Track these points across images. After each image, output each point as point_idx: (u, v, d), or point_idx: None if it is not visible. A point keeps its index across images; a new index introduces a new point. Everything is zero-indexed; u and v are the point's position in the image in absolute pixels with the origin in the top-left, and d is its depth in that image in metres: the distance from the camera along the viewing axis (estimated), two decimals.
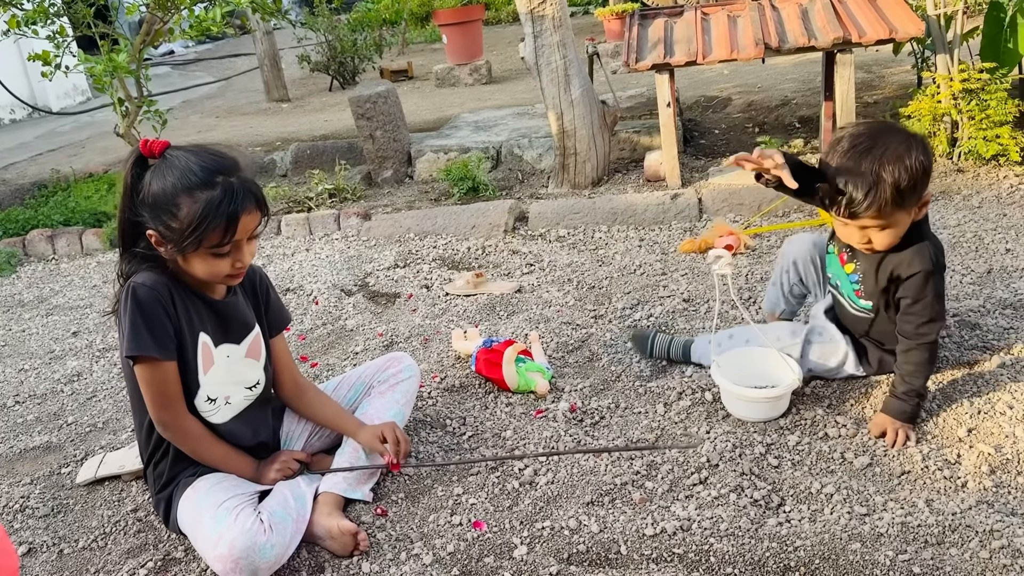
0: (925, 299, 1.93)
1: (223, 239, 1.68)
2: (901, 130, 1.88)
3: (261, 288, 2.00)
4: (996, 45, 3.85)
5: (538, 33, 4.00)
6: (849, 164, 1.83)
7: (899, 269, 1.94)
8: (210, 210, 1.64)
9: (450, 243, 3.70)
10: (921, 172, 1.82)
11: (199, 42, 12.99)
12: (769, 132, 4.72)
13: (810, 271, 2.32)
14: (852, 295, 2.11)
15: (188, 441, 1.83)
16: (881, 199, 1.81)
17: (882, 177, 1.80)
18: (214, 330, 1.84)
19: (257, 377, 1.94)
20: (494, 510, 1.88)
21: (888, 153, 1.81)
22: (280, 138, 5.72)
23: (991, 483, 1.77)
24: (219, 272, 1.75)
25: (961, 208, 3.35)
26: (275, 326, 2.03)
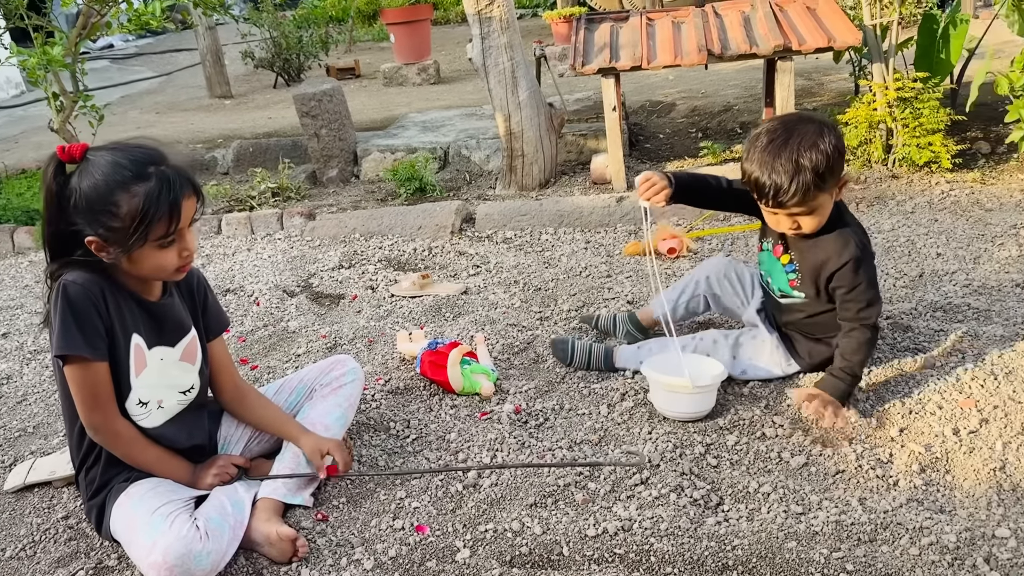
0: (860, 286, 2.02)
1: (168, 229, 1.64)
2: (811, 118, 1.99)
3: (199, 290, 1.95)
4: (929, 55, 3.98)
5: (486, 34, 4.00)
6: (768, 158, 1.93)
7: (829, 260, 2.04)
8: (151, 202, 1.60)
9: (396, 244, 3.68)
10: (836, 154, 1.93)
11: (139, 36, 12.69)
12: (712, 137, 4.79)
13: (725, 287, 2.40)
14: (786, 286, 2.18)
15: (120, 445, 1.78)
16: (804, 185, 1.91)
17: (802, 164, 1.91)
18: (148, 332, 1.79)
19: (192, 381, 1.90)
20: (437, 513, 1.87)
21: (804, 141, 1.92)
22: (222, 135, 5.62)
23: (921, 481, 1.83)
24: (168, 265, 1.71)
25: (895, 213, 3.45)
26: (213, 329, 1.98)
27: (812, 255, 2.07)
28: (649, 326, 2.55)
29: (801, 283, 2.14)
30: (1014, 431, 1.95)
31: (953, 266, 2.88)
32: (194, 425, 1.93)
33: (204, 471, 1.90)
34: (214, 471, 1.90)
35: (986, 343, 2.31)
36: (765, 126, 2.00)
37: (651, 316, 2.53)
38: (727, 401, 2.18)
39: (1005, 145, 4.00)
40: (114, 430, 1.76)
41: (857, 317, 2.04)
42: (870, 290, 2.03)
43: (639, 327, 2.55)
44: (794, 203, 1.95)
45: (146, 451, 1.81)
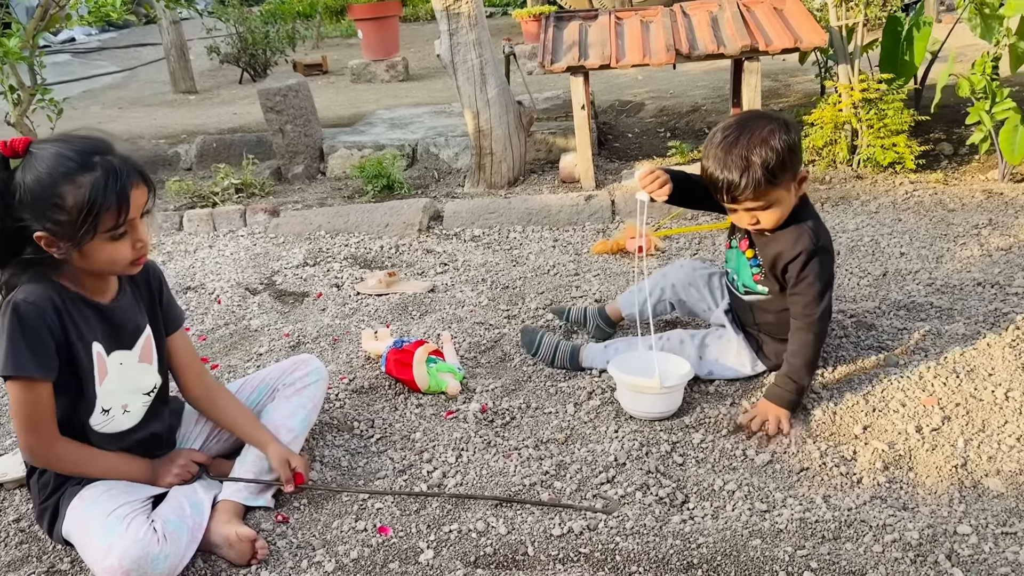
0: (807, 279, 2.02)
1: (118, 219, 1.59)
2: (766, 115, 2.03)
3: (155, 282, 1.89)
4: (894, 57, 4.03)
5: (454, 31, 3.97)
6: (721, 154, 1.97)
7: (784, 252, 2.05)
8: (98, 192, 1.55)
9: (362, 241, 3.63)
10: (787, 150, 1.95)
11: (102, 30, 12.47)
12: (680, 137, 4.81)
13: (691, 293, 2.42)
14: (750, 281, 2.18)
15: (64, 465, 1.73)
16: (755, 180, 1.94)
17: (752, 160, 1.93)
18: (105, 338, 1.74)
19: (153, 381, 1.85)
20: (400, 514, 1.84)
21: (754, 138, 1.95)
22: (186, 131, 5.53)
23: (884, 479, 1.83)
24: (121, 258, 1.65)
25: (859, 213, 3.49)
26: (171, 324, 1.93)
27: (771, 247, 2.10)
28: (618, 321, 2.55)
29: (764, 278, 2.15)
30: (975, 428, 1.97)
31: (916, 265, 2.91)
32: (153, 416, 1.88)
33: (165, 467, 1.85)
34: (176, 469, 1.85)
35: (948, 341, 2.33)
36: (722, 123, 2.04)
37: (619, 311, 2.53)
38: (693, 399, 2.18)
39: (967, 146, 4.06)
40: (55, 453, 1.71)
41: (802, 313, 2.04)
42: (818, 285, 2.02)
43: (608, 322, 2.54)
44: (747, 197, 1.98)
45: (96, 463, 1.76)
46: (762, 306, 2.19)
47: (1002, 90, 3.53)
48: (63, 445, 1.71)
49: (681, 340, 2.28)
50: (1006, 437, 1.92)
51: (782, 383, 2.04)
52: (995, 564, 1.56)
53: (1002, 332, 2.35)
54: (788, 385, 2.03)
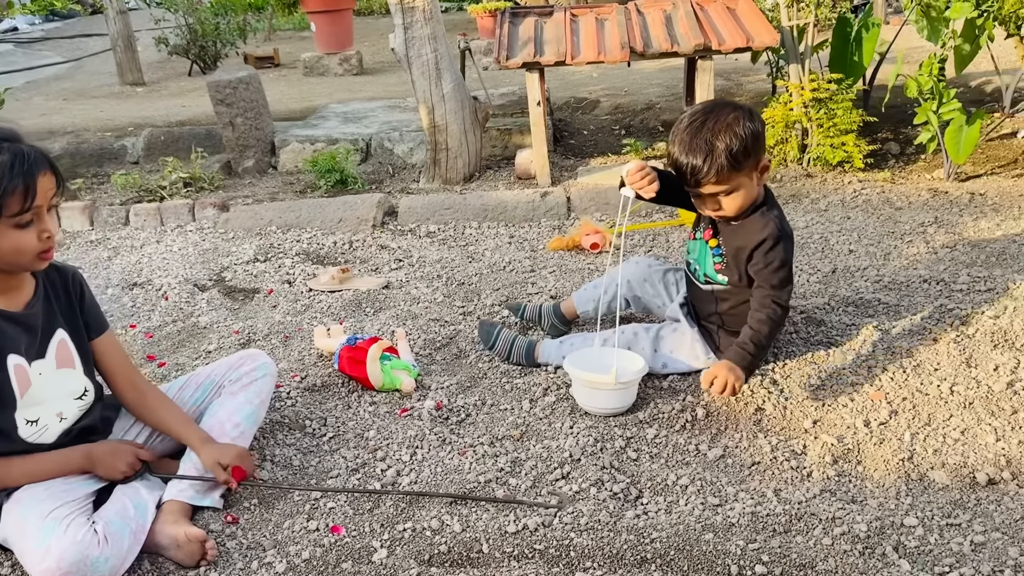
0: (772, 263, 2.08)
1: (23, 204, 1.56)
2: (732, 104, 2.08)
3: (75, 287, 1.84)
4: (843, 58, 4.10)
5: (408, 25, 3.94)
6: (687, 138, 2.03)
7: (750, 240, 2.10)
8: (3, 174, 1.53)
9: (315, 237, 3.58)
10: (751, 137, 2.01)
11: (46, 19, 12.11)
12: (634, 135, 4.84)
13: (646, 289, 2.45)
14: (712, 271, 2.21)
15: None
16: (718, 164, 2.00)
17: (716, 145, 1.99)
18: (26, 349, 1.69)
19: (82, 384, 1.80)
20: (353, 513, 1.82)
21: (719, 123, 2.01)
22: (132, 123, 5.39)
23: (834, 472, 1.86)
24: (27, 247, 1.61)
25: (809, 211, 3.54)
26: (93, 328, 1.86)
27: (736, 236, 2.14)
28: (572, 318, 2.55)
29: (726, 267, 2.18)
30: (921, 422, 2.01)
31: (864, 262, 2.97)
32: (87, 416, 1.82)
33: (109, 460, 1.77)
34: (122, 467, 1.77)
35: (895, 337, 2.38)
36: (689, 110, 2.10)
37: (574, 309, 2.53)
38: (647, 395, 2.19)
39: (914, 146, 4.15)
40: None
41: (769, 294, 2.09)
42: (782, 270, 2.09)
43: (563, 319, 2.54)
44: (710, 181, 2.02)
45: (12, 469, 1.68)
46: (720, 296, 2.22)
47: (948, 91, 3.62)
48: None
49: (635, 333, 2.29)
50: (951, 431, 1.97)
51: (744, 344, 2.08)
52: (940, 555, 1.60)
53: (947, 328, 2.41)
54: (749, 347, 2.07)
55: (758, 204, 2.13)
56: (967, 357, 2.25)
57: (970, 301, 2.57)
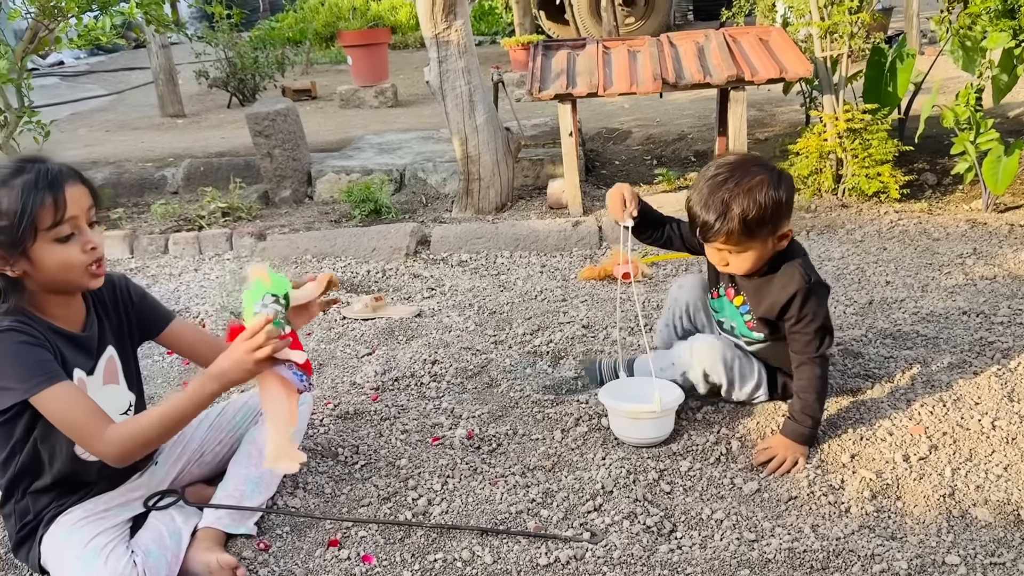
0: (805, 318, 2.00)
1: (56, 216, 1.58)
2: (762, 165, 1.98)
3: (123, 294, 1.87)
4: (878, 88, 4.08)
5: (443, 58, 4.00)
6: (705, 192, 1.94)
7: (777, 297, 2.02)
8: (29, 189, 1.56)
9: (350, 265, 3.62)
10: (772, 206, 1.91)
11: (91, 53, 12.48)
12: (666, 165, 4.84)
13: (699, 314, 2.34)
14: (746, 329, 2.16)
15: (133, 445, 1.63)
16: (728, 227, 1.91)
17: (731, 207, 1.90)
18: (83, 366, 1.72)
19: (128, 399, 1.83)
20: (384, 543, 1.81)
21: (741, 185, 1.91)
22: (173, 154, 5.51)
23: (872, 508, 1.83)
24: (74, 262, 1.63)
25: (845, 242, 3.51)
26: (158, 322, 1.91)
27: (761, 293, 2.06)
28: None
29: (757, 324, 2.13)
30: (962, 457, 1.96)
31: (902, 294, 2.93)
32: None
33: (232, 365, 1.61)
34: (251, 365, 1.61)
35: (935, 370, 2.34)
36: (719, 159, 2.01)
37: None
38: (680, 427, 2.17)
39: (951, 176, 4.10)
40: (115, 441, 1.61)
41: (804, 351, 2.02)
42: (816, 322, 2.00)
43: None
44: (719, 241, 1.96)
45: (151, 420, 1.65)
46: (763, 353, 2.18)
47: (986, 121, 3.58)
48: (115, 430, 1.62)
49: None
50: (993, 466, 1.92)
51: (799, 418, 2.00)
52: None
53: (988, 361, 2.36)
54: (805, 421, 2.00)
55: (780, 253, 2.03)
56: (1009, 391, 2.20)
57: (1011, 334, 2.52)
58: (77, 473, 1.74)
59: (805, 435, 2.00)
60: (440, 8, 3.89)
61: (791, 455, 1.98)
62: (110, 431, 1.62)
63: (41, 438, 1.68)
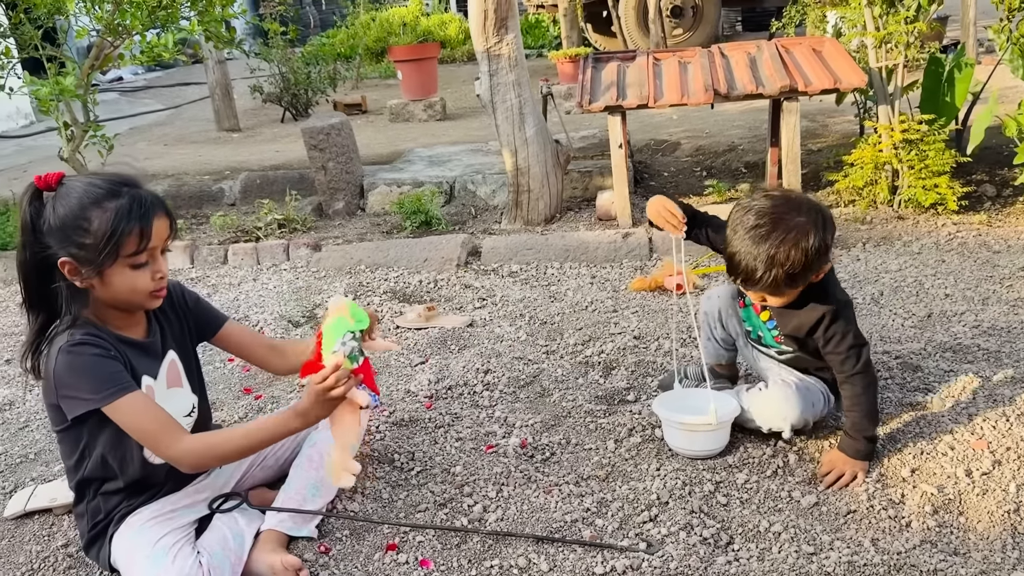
0: (835, 337, 1.98)
1: (139, 245, 1.64)
2: (806, 207, 1.90)
3: (179, 299, 1.93)
4: (935, 98, 4.02)
5: (494, 72, 4.04)
6: (748, 244, 1.88)
7: (803, 319, 2.01)
8: (122, 216, 1.62)
9: (402, 276, 3.67)
10: (815, 253, 1.87)
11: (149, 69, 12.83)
12: (716, 176, 4.82)
13: (731, 321, 2.33)
14: (773, 342, 2.17)
15: (210, 457, 1.73)
16: (773, 282, 1.88)
17: (776, 261, 1.85)
18: (149, 372, 1.79)
19: (191, 402, 1.88)
20: (441, 548, 1.84)
21: (787, 239, 1.85)
22: (229, 167, 5.65)
23: (934, 523, 1.80)
24: (141, 287, 1.69)
25: (902, 254, 3.45)
26: (212, 324, 1.98)
27: (787, 316, 2.05)
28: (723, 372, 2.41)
29: (785, 340, 2.13)
30: None
31: (962, 307, 2.88)
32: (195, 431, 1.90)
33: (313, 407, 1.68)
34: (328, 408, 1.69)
35: (997, 384, 2.29)
36: (757, 204, 1.92)
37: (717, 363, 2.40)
38: (736, 439, 2.16)
39: (1011, 187, 4.01)
40: (191, 450, 1.68)
41: (841, 370, 2.00)
42: (846, 340, 1.98)
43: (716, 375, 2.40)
44: (761, 292, 1.95)
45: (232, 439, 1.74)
46: (791, 362, 2.17)
47: None
48: (194, 440, 1.70)
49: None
50: None
51: (852, 435, 1.98)
52: None
53: None
54: (858, 437, 1.98)
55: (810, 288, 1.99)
56: None
57: None
58: (147, 477, 1.80)
59: (861, 451, 1.98)
60: (492, 23, 3.94)
61: (849, 469, 1.96)
62: (188, 440, 1.69)
63: (112, 444, 1.74)
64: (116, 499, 1.79)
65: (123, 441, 1.73)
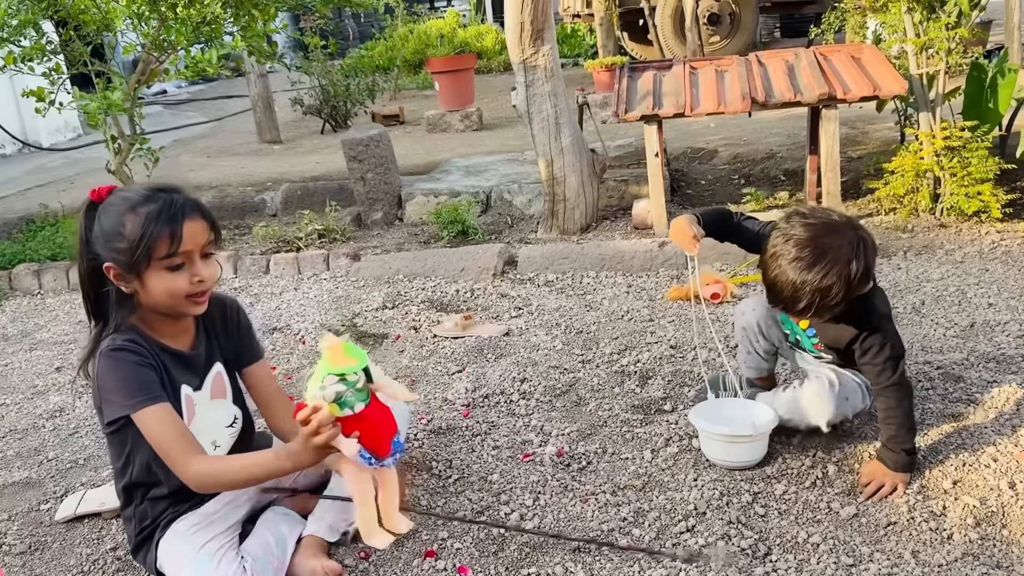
0: (872, 348, 1.97)
1: (170, 247, 1.68)
2: (846, 232, 1.87)
3: (232, 315, 1.96)
4: (978, 104, 3.96)
5: (530, 82, 4.07)
6: (790, 274, 1.86)
7: (841, 331, 2.00)
8: (151, 219, 1.66)
9: (439, 285, 3.71)
10: (857, 278, 1.85)
11: (192, 82, 13.09)
12: (754, 184, 4.79)
13: (772, 330, 2.30)
14: (812, 348, 2.17)
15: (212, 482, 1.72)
16: (816, 308, 1.88)
17: (818, 292, 1.84)
18: (189, 383, 1.83)
19: (232, 413, 1.92)
20: (479, 555, 1.86)
21: (832, 271, 1.83)
22: (271, 179, 5.75)
23: (976, 535, 1.77)
24: (179, 290, 1.72)
25: (944, 263, 3.41)
26: (247, 355, 1.97)
27: (827, 330, 2.05)
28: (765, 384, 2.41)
29: (824, 348, 2.13)
30: None
31: (1005, 316, 2.83)
32: (241, 447, 1.93)
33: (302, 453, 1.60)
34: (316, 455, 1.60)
35: None
36: (796, 234, 1.89)
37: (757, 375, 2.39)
38: (774, 450, 2.15)
39: None
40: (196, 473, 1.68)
41: (877, 381, 1.99)
42: (883, 352, 1.96)
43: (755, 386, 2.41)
44: (802, 316, 1.95)
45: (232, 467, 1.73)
46: (836, 365, 2.16)
47: None
48: (202, 463, 1.69)
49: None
50: None
51: (890, 447, 1.97)
52: None
53: None
54: (896, 449, 1.96)
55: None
56: None
57: None
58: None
59: (900, 463, 1.96)
60: (528, 34, 3.97)
61: (889, 480, 1.95)
62: (197, 461, 1.68)
63: (154, 451, 1.78)
64: (162, 505, 1.84)
65: None
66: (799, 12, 9.88)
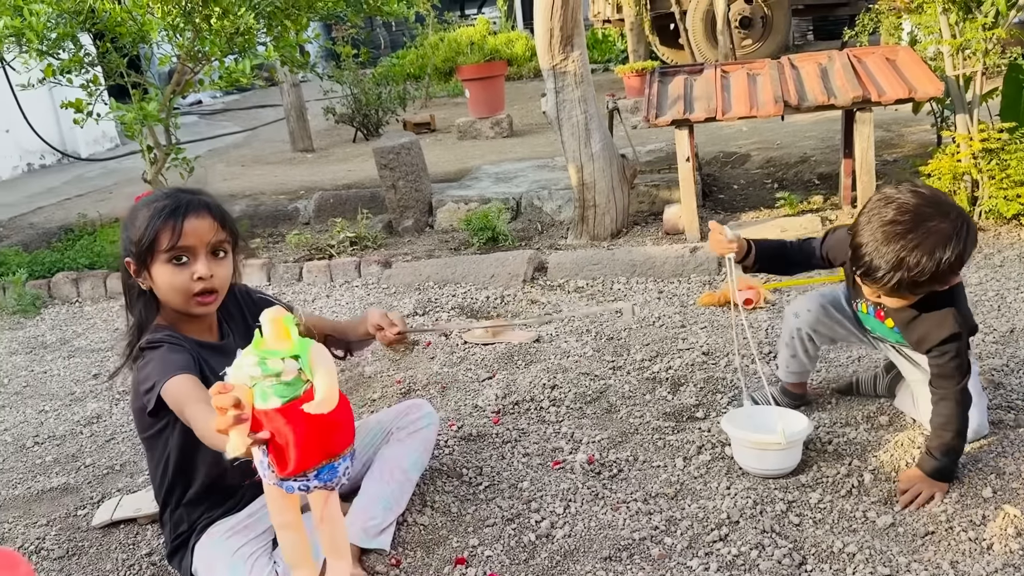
0: (948, 354, 1.93)
1: (171, 240, 1.71)
2: (949, 213, 1.77)
3: (244, 299, 1.99)
4: (1016, 106, 3.88)
5: (560, 88, 4.07)
6: (879, 237, 1.78)
7: (928, 334, 1.94)
8: (156, 214, 1.72)
9: (469, 292, 3.72)
10: (948, 266, 1.75)
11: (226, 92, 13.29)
12: (788, 188, 4.74)
13: (836, 330, 2.25)
14: (900, 341, 2.11)
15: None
16: (897, 282, 1.78)
17: (904, 263, 1.75)
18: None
19: None
20: (510, 563, 1.85)
21: (925, 244, 1.74)
22: (304, 187, 5.81)
23: (1017, 546, 1.73)
24: (181, 285, 1.74)
25: (983, 267, 3.34)
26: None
27: (911, 328, 1.98)
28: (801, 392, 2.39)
29: (910, 347, 2.08)
30: None
31: None
32: None
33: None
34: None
35: None
36: (901, 198, 1.79)
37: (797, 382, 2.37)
38: (809, 458, 2.12)
39: None
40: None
41: (943, 384, 1.93)
42: (958, 358, 1.91)
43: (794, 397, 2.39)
44: (878, 290, 1.86)
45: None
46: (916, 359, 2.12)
47: None
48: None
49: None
50: None
51: (938, 455, 1.92)
52: None
53: None
54: (944, 458, 1.92)
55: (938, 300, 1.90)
56: None
57: None
58: (223, 477, 1.85)
59: (942, 471, 1.92)
60: (557, 41, 3.98)
61: (927, 489, 1.91)
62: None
63: (188, 446, 1.79)
64: (198, 510, 1.86)
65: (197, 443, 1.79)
66: (833, 14, 9.77)
